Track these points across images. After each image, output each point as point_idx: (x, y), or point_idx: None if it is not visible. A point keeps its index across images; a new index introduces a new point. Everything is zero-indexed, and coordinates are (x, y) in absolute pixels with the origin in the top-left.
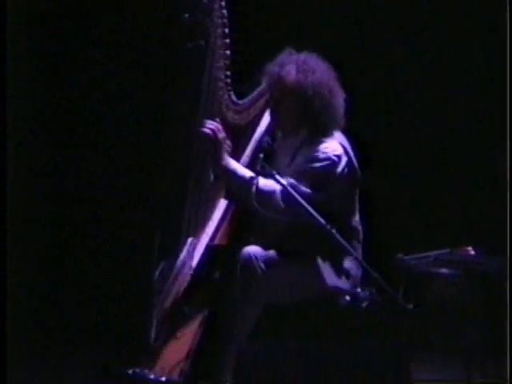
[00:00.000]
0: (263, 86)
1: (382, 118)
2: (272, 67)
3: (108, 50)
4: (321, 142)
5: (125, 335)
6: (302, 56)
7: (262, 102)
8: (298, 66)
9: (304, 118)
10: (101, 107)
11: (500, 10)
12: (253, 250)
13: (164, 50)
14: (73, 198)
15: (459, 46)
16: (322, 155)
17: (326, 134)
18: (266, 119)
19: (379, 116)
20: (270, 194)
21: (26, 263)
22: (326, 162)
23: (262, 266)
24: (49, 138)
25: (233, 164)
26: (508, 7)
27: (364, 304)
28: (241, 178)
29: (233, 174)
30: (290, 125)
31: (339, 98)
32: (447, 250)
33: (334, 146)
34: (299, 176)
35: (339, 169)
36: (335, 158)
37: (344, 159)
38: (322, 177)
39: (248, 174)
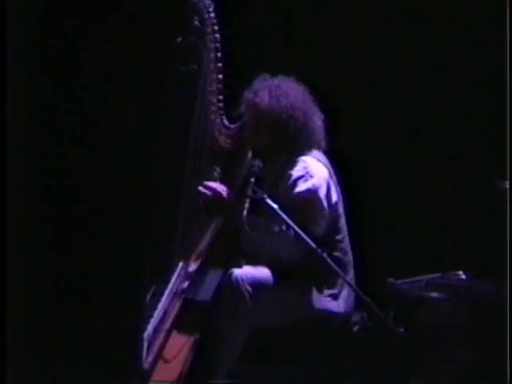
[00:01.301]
0: None
1: (372, 138)
2: (247, 94)
3: (96, 78)
4: (298, 166)
5: (116, 358)
6: (276, 81)
7: None
8: (271, 91)
9: (281, 143)
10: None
11: (500, 10)
12: (240, 272)
13: (157, 74)
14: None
15: (455, 57)
16: (299, 189)
17: (303, 155)
18: None
19: (369, 137)
20: (263, 238)
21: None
22: (305, 188)
23: (249, 288)
24: (48, 139)
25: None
26: (508, 7)
27: (355, 328)
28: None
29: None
30: (268, 151)
31: (316, 120)
32: (438, 275)
33: (312, 169)
34: (283, 206)
35: (320, 193)
36: (312, 187)
37: (323, 182)
38: (306, 205)
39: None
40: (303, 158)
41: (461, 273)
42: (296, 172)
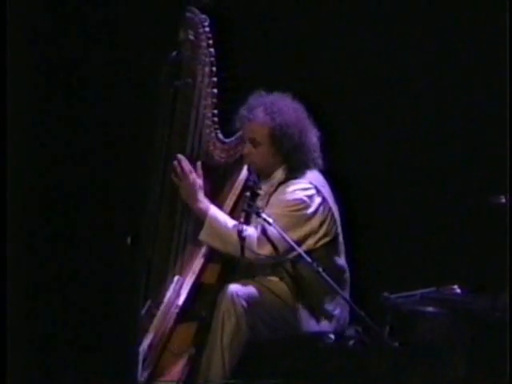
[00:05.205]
0: None
1: (367, 155)
2: (242, 111)
3: (91, 93)
4: (292, 184)
5: (111, 373)
6: (271, 98)
7: None
8: (266, 108)
9: (276, 160)
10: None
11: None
12: (235, 287)
13: (152, 88)
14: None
15: (455, 66)
16: (292, 197)
17: (298, 174)
18: None
19: (365, 153)
20: (253, 241)
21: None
22: (297, 203)
23: (244, 303)
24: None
25: (213, 210)
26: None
27: (350, 342)
28: (224, 227)
29: (214, 220)
30: (264, 168)
31: (311, 137)
32: (433, 289)
33: (305, 186)
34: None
35: (311, 209)
36: (306, 199)
37: (316, 199)
38: (295, 218)
39: (230, 221)
40: (296, 180)
41: (456, 287)
42: (288, 190)
